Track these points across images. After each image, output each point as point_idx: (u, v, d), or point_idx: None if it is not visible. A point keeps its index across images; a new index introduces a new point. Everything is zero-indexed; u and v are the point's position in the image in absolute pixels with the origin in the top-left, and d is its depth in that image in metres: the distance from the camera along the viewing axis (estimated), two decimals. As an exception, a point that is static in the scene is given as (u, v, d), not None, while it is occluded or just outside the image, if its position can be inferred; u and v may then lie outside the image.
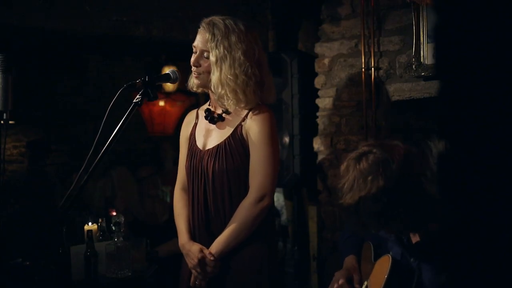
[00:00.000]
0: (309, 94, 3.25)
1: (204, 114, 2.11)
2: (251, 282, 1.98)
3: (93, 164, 1.66)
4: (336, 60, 3.17)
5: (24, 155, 5.28)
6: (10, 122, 2.18)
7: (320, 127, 3.24)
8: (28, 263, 2.35)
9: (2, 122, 2.14)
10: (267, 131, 1.98)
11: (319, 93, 3.25)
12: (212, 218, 2.02)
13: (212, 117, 2.08)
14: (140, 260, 2.60)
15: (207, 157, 2.02)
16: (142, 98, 1.79)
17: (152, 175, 4.17)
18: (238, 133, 2.00)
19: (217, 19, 1.99)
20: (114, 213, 3.10)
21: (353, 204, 1.50)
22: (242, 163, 1.99)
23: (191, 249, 2.00)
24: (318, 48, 3.26)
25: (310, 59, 3.29)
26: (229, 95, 1.95)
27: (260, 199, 1.96)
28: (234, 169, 1.98)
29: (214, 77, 1.96)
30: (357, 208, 1.50)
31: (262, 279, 1.99)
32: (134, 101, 1.78)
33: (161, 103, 5.18)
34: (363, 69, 3.00)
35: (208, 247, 1.99)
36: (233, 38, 1.94)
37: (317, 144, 3.25)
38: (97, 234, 2.67)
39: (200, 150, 2.07)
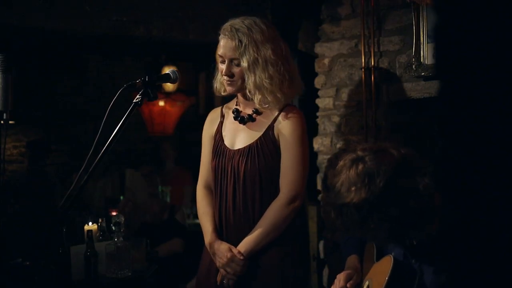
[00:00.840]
0: (309, 94, 3.25)
1: (233, 114, 2.10)
2: (278, 282, 1.98)
3: (93, 164, 1.66)
4: (336, 60, 3.17)
5: (24, 155, 5.28)
6: (10, 122, 2.18)
7: (320, 127, 3.24)
8: (28, 263, 2.35)
9: (2, 122, 2.14)
10: (299, 132, 2.00)
11: (319, 93, 3.25)
12: (240, 217, 2.01)
13: (242, 117, 2.07)
14: (140, 260, 2.60)
15: (238, 156, 2.01)
16: (142, 98, 1.79)
17: (151, 174, 4.17)
18: (270, 133, 2.00)
19: (237, 23, 1.98)
20: (114, 213, 3.10)
21: (337, 208, 1.52)
22: (274, 164, 1.99)
23: (219, 248, 1.99)
24: (318, 48, 3.26)
25: (310, 59, 3.29)
26: (268, 98, 1.96)
27: (292, 200, 1.97)
28: (266, 169, 1.98)
29: (250, 82, 1.96)
30: (341, 213, 1.51)
31: (289, 280, 1.99)
32: (134, 101, 1.78)
33: (161, 103, 5.19)
34: (363, 69, 3.00)
35: (236, 246, 1.98)
36: (259, 38, 1.94)
37: (317, 144, 3.25)
38: (97, 234, 2.67)
39: (229, 150, 2.05)
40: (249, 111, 2.07)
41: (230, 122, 2.11)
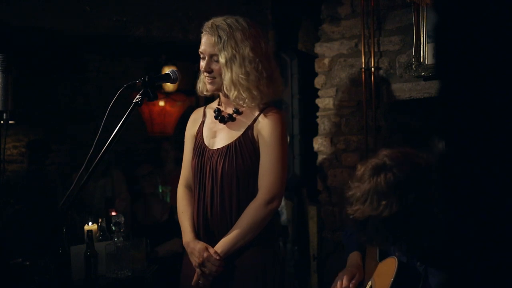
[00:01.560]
0: (309, 94, 3.25)
1: (214, 114, 2.09)
2: (255, 282, 1.98)
3: (93, 164, 1.66)
4: (336, 60, 3.17)
5: (24, 155, 5.28)
6: (10, 122, 2.18)
7: (320, 127, 3.24)
8: (28, 263, 2.35)
9: (2, 122, 2.14)
10: (279, 133, 1.98)
11: (319, 93, 3.25)
12: (218, 217, 2.00)
13: (222, 117, 2.06)
14: (140, 260, 2.59)
15: (216, 156, 2.01)
16: (142, 98, 1.79)
17: (151, 173, 4.17)
18: (249, 134, 2.00)
19: (218, 20, 1.99)
20: (114, 213, 3.10)
21: (361, 219, 1.46)
22: (252, 164, 1.98)
23: (196, 248, 1.99)
24: (318, 48, 3.26)
25: (310, 59, 3.29)
26: (243, 94, 1.95)
27: (270, 201, 1.96)
28: (243, 169, 1.97)
29: (226, 78, 1.95)
30: (365, 224, 1.45)
31: (267, 280, 1.98)
32: (134, 101, 1.78)
33: (161, 103, 5.19)
34: (363, 69, 3.00)
35: (213, 246, 1.98)
36: (239, 36, 1.94)
37: (317, 144, 3.25)
38: (97, 234, 2.67)
39: (209, 149, 2.05)
40: (230, 110, 2.06)
41: (211, 122, 2.11)
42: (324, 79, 3.23)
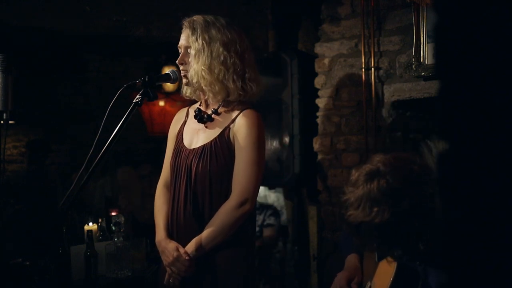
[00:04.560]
0: (309, 94, 3.25)
1: (194, 113, 2.09)
2: (226, 283, 1.96)
3: (93, 164, 1.66)
4: (336, 60, 3.17)
5: (24, 155, 5.28)
6: (10, 122, 2.18)
7: (320, 127, 3.24)
8: (28, 263, 2.36)
9: (2, 122, 2.14)
10: (255, 135, 1.96)
11: (319, 93, 3.25)
12: (191, 217, 1.99)
13: (201, 117, 2.05)
14: (140, 260, 2.60)
15: (191, 156, 2.01)
16: (142, 98, 1.79)
17: (151, 174, 4.17)
18: (226, 135, 1.98)
19: (198, 16, 2.01)
20: (114, 213, 3.10)
21: (354, 224, 1.46)
22: (226, 166, 1.96)
23: (167, 247, 1.98)
24: (318, 48, 3.26)
25: (310, 59, 3.29)
26: (204, 87, 1.96)
27: (242, 203, 1.93)
28: (217, 171, 1.96)
29: (191, 69, 1.96)
30: (359, 229, 1.46)
31: (238, 282, 1.97)
32: (134, 101, 1.78)
33: (161, 103, 5.19)
34: (363, 69, 3.00)
35: (184, 246, 1.96)
36: (213, 31, 1.95)
37: (317, 144, 3.25)
38: (97, 234, 2.67)
39: (186, 149, 2.05)
40: (209, 111, 2.06)
41: (192, 122, 2.11)
42: (324, 79, 3.23)
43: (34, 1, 2.93)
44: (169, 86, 5.09)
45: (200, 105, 2.12)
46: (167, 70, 2.93)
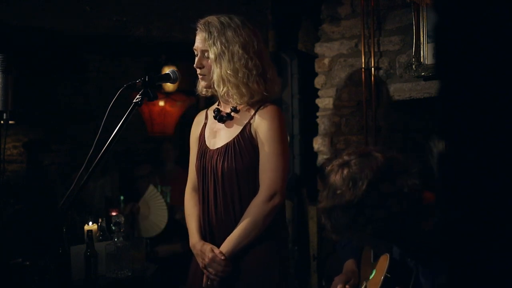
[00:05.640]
0: (309, 94, 3.25)
1: (213, 114, 2.10)
2: (262, 280, 1.97)
3: (93, 164, 1.66)
4: (336, 60, 3.17)
5: (23, 155, 5.28)
6: (10, 122, 2.18)
7: (320, 127, 3.24)
8: (28, 263, 2.35)
9: (2, 122, 2.14)
10: (276, 128, 1.97)
11: (319, 93, 3.25)
12: (222, 217, 2.00)
13: (220, 116, 2.06)
14: (140, 260, 2.60)
15: (216, 156, 2.02)
16: (142, 98, 1.79)
17: (150, 174, 4.17)
18: (247, 131, 1.99)
19: (212, 17, 2.00)
20: (114, 213, 3.10)
21: (326, 211, 1.54)
22: (252, 162, 1.97)
23: (202, 249, 1.99)
24: (318, 48, 3.26)
25: (310, 59, 3.29)
26: (231, 90, 1.96)
27: (271, 197, 1.94)
28: (243, 167, 1.97)
29: (215, 74, 1.96)
30: (330, 216, 1.53)
31: (273, 277, 1.98)
32: (134, 101, 1.78)
33: (161, 103, 5.19)
34: (363, 69, 3.00)
35: (219, 247, 1.98)
36: (230, 33, 1.95)
37: (317, 144, 3.25)
38: (97, 234, 2.67)
39: (209, 150, 2.06)
40: (228, 110, 2.07)
41: (212, 123, 2.12)
42: (324, 79, 3.23)
43: (34, 1, 2.93)
44: (169, 86, 5.08)
45: (218, 105, 2.13)
46: (167, 70, 2.93)
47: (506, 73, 0.63)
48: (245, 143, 1.99)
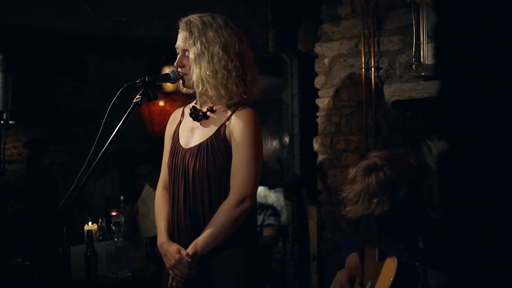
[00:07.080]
0: (309, 94, 3.25)
1: (189, 112, 2.07)
2: (228, 286, 1.94)
3: (93, 164, 1.66)
4: (336, 60, 3.17)
5: (23, 155, 5.28)
6: (10, 122, 2.18)
7: (320, 127, 3.24)
8: (28, 263, 2.35)
9: (2, 122, 2.14)
10: (251, 132, 1.94)
11: (319, 93, 3.25)
12: (191, 218, 1.97)
13: (196, 115, 2.03)
14: (140, 260, 2.60)
15: (188, 155, 1.99)
16: (142, 98, 1.79)
17: (150, 174, 4.17)
18: (222, 132, 1.96)
19: (194, 16, 1.98)
20: (114, 213, 3.10)
21: (354, 219, 1.46)
22: (224, 164, 1.94)
23: (168, 250, 1.96)
24: (318, 48, 3.26)
25: (310, 59, 3.29)
26: (210, 91, 1.93)
27: (241, 201, 1.91)
28: (215, 168, 1.94)
29: (194, 74, 1.94)
30: (358, 224, 1.46)
31: (240, 284, 1.94)
32: (134, 101, 1.78)
33: (161, 103, 5.19)
34: (363, 69, 3.00)
35: (186, 248, 1.94)
36: (211, 33, 1.92)
37: (317, 144, 3.25)
38: (97, 234, 2.67)
39: (182, 148, 2.03)
40: (205, 109, 2.04)
41: (188, 121, 2.08)
42: (324, 79, 3.23)
43: (34, 1, 2.93)
44: (169, 86, 5.09)
45: (195, 103, 2.10)
46: (167, 70, 2.93)
47: (506, 73, 0.63)
48: (219, 144, 1.95)
